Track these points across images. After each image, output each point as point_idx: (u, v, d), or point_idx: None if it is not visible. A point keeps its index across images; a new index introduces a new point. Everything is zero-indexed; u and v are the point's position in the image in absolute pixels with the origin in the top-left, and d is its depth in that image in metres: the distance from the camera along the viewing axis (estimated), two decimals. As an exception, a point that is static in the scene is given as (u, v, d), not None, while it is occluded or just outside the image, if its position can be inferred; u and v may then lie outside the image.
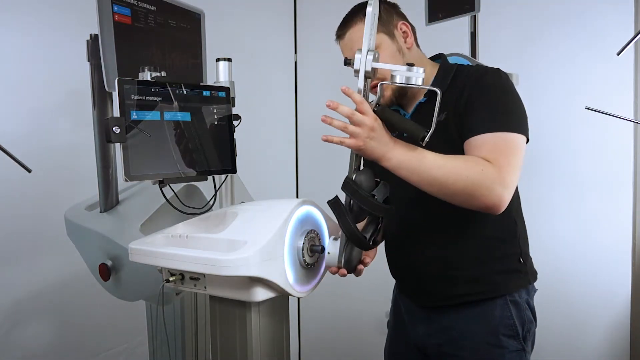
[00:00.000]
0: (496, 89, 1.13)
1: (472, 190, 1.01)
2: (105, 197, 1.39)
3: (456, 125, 1.14)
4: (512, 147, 1.07)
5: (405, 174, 1.02)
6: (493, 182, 1.01)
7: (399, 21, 1.22)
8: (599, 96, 1.90)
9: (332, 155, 1.26)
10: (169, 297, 1.36)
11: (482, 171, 1.01)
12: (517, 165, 1.07)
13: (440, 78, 1.21)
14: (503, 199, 1.02)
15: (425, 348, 1.28)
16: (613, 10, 1.91)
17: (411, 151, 1.02)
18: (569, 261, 2.02)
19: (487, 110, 1.11)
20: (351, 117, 0.98)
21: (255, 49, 2.39)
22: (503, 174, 1.02)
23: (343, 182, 1.01)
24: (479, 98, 1.12)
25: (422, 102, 1.21)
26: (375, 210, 1.00)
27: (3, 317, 1.67)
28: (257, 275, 0.96)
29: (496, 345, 1.17)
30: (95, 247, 1.36)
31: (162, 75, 1.12)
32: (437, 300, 1.24)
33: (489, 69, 1.18)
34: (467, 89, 1.14)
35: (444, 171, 1.01)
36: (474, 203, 1.03)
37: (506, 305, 1.18)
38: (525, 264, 1.22)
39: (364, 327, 2.50)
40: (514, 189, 1.06)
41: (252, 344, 1.05)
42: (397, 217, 1.29)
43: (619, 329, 1.98)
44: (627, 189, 1.94)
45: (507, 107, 1.12)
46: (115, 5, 1.17)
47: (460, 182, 1.00)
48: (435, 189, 1.03)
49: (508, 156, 1.05)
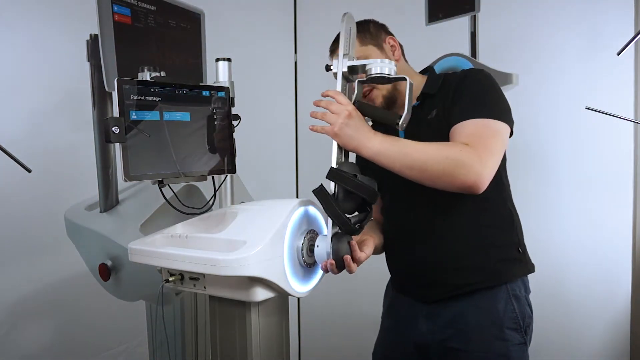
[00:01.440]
0: (479, 83, 1.20)
1: (452, 170, 1.05)
2: (105, 197, 1.39)
3: (446, 120, 1.19)
4: (492, 132, 1.12)
5: (385, 161, 1.07)
6: (471, 160, 1.05)
7: (387, 36, 1.31)
8: (599, 96, 1.90)
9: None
10: (168, 297, 1.36)
11: (459, 151, 1.06)
12: (496, 149, 1.11)
13: (430, 83, 1.28)
14: (482, 177, 1.06)
15: (427, 347, 1.28)
16: (613, 10, 1.90)
17: (390, 139, 1.08)
18: (569, 261, 2.02)
19: (470, 100, 1.17)
20: (328, 106, 1.08)
21: (255, 49, 2.39)
22: (480, 154, 1.06)
23: (327, 172, 1.06)
24: (463, 91, 1.19)
25: (415, 106, 1.24)
26: (359, 189, 1.03)
27: (3, 317, 1.67)
28: (256, 275, 0.96)
29: (501, 338, 1.19)
30: (95, 247, 1.36)
31: (162, 75, 1.12)
32: (441, 293, 1.24)
33: (473, 70, 1.26)
34: (453, 86, 1.21)
35: (422, 154, 1.06)
36: (455, 183, 1.06)
37: (509, 299, 1.21)
38: (525, 254, 1.27)
39: (364, 327, 2.49)
40: (493, 171, 1.10)
41: (252, 344, 1.05)
42: (397, 213, 1.30)
43: (619, 328, 1.98)
44: (627, 189, 1.94)
45: (488, 98, 1.17)
46: (115, 5, 1.17)
47: (440, 164, 1.05)
48: (416, 173, 1.07)
49: (486, 139, 1.10)
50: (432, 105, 1.24)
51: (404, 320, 1.34)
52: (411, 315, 1.32)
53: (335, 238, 1.05)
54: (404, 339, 1.33)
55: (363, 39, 1.28)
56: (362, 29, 1.29)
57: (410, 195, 1.23)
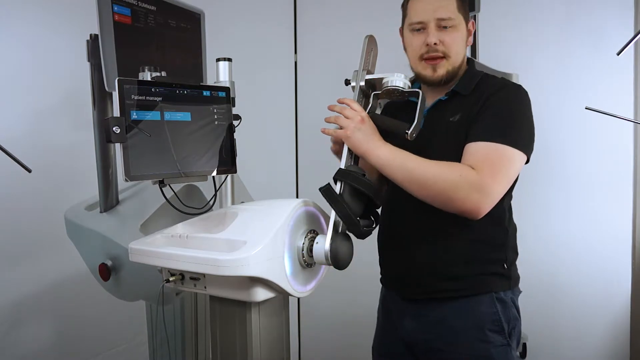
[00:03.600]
0: (509, 103, 1.17)
1: (450, 193, 1.06)
2: (105, 197, 1.39)
3: (466, 128, 1.17)
4: (504, 159, 1.10)
5: (389, 171, 1.10)
6: (471, 187, 1.06)
7: (470, 20, 1.26)
8: (599, 96, 1.90)
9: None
10: (168, 297, 1.36)
11: (460, 176, 1.06)
12: (505, 177, 1.10)
13: (466, 80, 1.25)
14: (480, 206, 1.07)
15: (413, 345, 1.30)
16: (613, 10, 1.91)
17: (397, 151, 1.10)
18: (569, 261, 2.02)
19: (493, 120, 1.14)
20: (342, 111, 1.12)
21: (255, 48, 2.39)
22: (483, 182, 1.06)
23: (336, 172, 1.08)
24: (490, 108, 1.16)
25: (443, 100, 1.25)
26: (368, 188, 1.04)
27: (3, 317, 1.67)
28: (256, 275, 0.96)
29: (483, 340, 1.20)
30: (95, 247, 1.36)
31: (162, 75, 1.12)
32: (423, 293, 1.26)
33: (511, 84, 1.22)
34: (484, 97, 1.17)
35: (424, 172, 1.08)
36: (452, 205, 1.08)
37: (492, 302, 1.21)
38: (510, 270, 1.25)
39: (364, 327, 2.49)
40: (496, 200, 1.10)
41: (252, 344, 1.05)
42: (394, 208, 1.30)
43: (619, 329, 1.98)
44: (627, 189, 1.94)
45: (512, 121, 1.15)
46: (115, 5, 1.17)
47: (439, 184, 1.06)
48: (415, 188, 1.09)
49: (495, 166, 1.09)
50: (459, 107, 1.21)
51: (393, 316, 1.36)
52: (399, 313, 1.34)
53: (336, 237, 1.05)
54: (395, 335, 1.35)
55: (460, 7, 1.21)
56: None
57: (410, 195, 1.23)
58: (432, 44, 1.18)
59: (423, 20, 1.19)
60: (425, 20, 1.18)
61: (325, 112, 1.16)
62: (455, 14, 1.19)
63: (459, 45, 1.21)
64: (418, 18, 1.20)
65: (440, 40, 1.18)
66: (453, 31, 1.19)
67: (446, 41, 1.18)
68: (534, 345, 1.96)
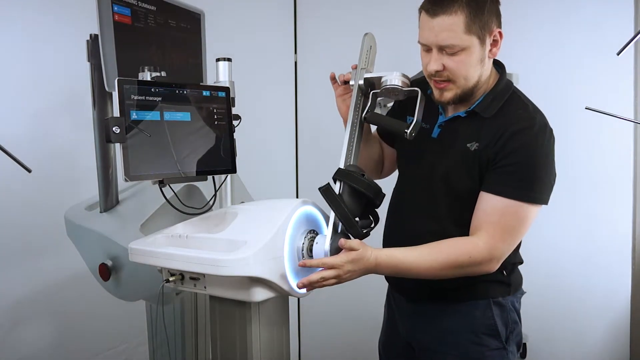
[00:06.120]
0: (533, 151, 1.10)
1: (463, 272, 1.11)
2: (105, 197, 1.39)
3: (481, 161, 1.12)
4: (519, 219, 1.11)
5: (399, 274, 1.12)
6: (481, 263, 1.10)
7: (495, 28, 1.13)
8: (599, 96, 1.89)
9: (332, 155, 1.26)
10: (168, 297, 1.36)
11: (470, 258, 1.09)
12: (517, 236, 1.13)
13: (488, 100, 1.16)
14: (492, 268, 1.12)
15: (412, 343, 1.31)
16: (613, 10, 1.90)
17: (394, 266, 1.08)
18: (569, 261, 2.02)
19: (512, 170, 1.09)
20: (322, 282, 1.01)
21: (255, 49, 2.38)
22: (493, 252, 1.10)
23: (335, 172, 1.08)
24: (511, 155, 1.09)
25: (460, 116, 1.18)
26: (367, 188, 1.05)
27: (3, 317, 1.67)
28: (257, 275, 0.96)
29: (477, 343, 1.21)
30: (95, 247, 1.36)
31: (162, 75, 1.12)
32: (422, 294, 1.26)
33: (537, 123, 1.12)
34: (507, 134, 1.09)
35: (432, 272, 1.10)
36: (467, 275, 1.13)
37: (489, 307, 1.21)
38: (509, 277, 1.24)
39: (364, 328, 2.49)
40: (506, 255, 1.13)
41: (252, 344, 1.05)
42: (396, 219, 1.30)
43: (619, 329, 1.98)
44: (627, 189, 1.94)
45: (533, 175, 1.10)
46: (115, 5, 1.17)
47: (450, 272, 1.10)
48: (430, 277, 1.12)
49: (507, 228, 1.10)
50: (478, 132, 1.13)
51: (395, 313, 1.37)
52: (400, 311, 1.35)
53: (335, 237, 1.05)
54: (397, 332, 1.36)
55: (471, 26, 1.07)
56: (477, 11, 1.07)
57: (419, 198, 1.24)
58: (433, 72, 1.11)
59: (426, 43, 1.10)
60: (428, 44, 1.10)
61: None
62: (460, 37, 1.06)
63: (468, 69, 1.10)
64: (423, 40, 1.12)
65: (445, 66, 1.09)
66: (460, 54, 1.08)
67: (450, 66, 1.09)
68: (534, 345, 1.96)
